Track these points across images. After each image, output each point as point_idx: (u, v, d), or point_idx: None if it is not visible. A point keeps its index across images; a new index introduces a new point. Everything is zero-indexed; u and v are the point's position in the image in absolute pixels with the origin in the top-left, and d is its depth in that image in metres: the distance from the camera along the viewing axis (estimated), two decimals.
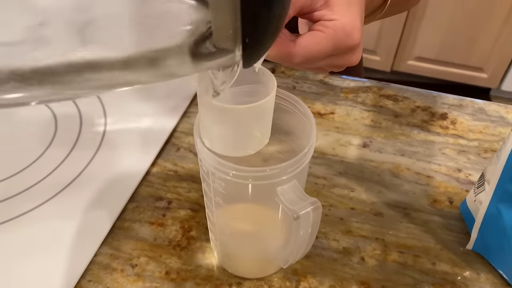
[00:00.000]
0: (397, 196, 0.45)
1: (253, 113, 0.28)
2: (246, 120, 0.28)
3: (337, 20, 0.30)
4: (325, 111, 0.53)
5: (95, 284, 0.37)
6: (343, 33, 0.30)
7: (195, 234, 0.41)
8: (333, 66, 0.34)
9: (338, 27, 0.30)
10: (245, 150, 0.30)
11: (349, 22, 0.30)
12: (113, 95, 0.53)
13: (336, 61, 0.33)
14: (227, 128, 0.29)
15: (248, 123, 0.28)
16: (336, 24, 0.30)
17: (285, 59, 0.30)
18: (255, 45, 0.23)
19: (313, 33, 0.30)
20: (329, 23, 0.30)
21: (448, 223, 0.42)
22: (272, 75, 0.29)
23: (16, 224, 0.40)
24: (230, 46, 0.22)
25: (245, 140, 0.29)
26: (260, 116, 0.29)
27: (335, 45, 0.30)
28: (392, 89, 0.56)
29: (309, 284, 0.38)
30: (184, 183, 0.45)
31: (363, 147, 0.49)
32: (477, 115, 0.53)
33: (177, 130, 0.50)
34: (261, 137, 0.30)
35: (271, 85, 0.29)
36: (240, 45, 0.22)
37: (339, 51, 0.31)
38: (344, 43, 0.31)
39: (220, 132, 0.29)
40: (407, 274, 0.39)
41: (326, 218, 0.42)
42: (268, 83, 0.29)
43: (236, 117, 0.28)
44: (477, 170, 0.47)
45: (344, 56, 0.32)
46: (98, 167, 0.45)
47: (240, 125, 0.28)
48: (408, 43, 1.71)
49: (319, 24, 0.31)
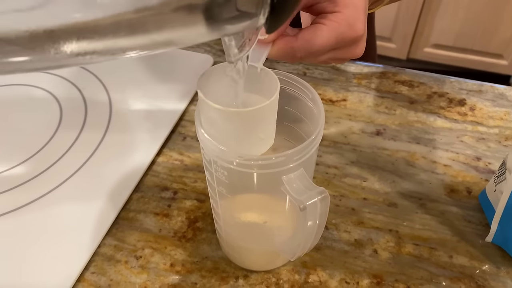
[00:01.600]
0: (412, 185, 0.43)
1: (256, 115, 0.27)
2: (249, 123, 0.27)
3: (340, 12, 0.30)
4: (337, 98, 0.51)
5: (98, 276, 0.36)
6: (346, 25, 0.30)
7: (201, 225, 0.40)
8: (336, 59, 0.33)
9: (341, 19, 0.30)
10: (249, 153, 0.29)
11: (352, 14, 0.30)
12: (119, 82, 0.52)
13: (339, 54, 0.32)
14: (230, 131, 0.28)
15: (252, 126, 0.28)
16: (339, 16, 0.30)
17: (288, 55, 0.30)
18: (283, 7, 0.22)
19: (315, 26, 0.30)
20: (332, 16, 0.30)
21: (466, 214, 0.40)
22: (275, 76, 0.28)
23: (20, 214, 0.40)
24: (254, 9, 0.21)
25: (249, 143, 0.29)
26: (263, 118, 0.28)
27: (338, 38, 0.30)
28: (407, 75, 0.54)
29: (319, 277, 0.36)
30: (190, 173, 0.44)
31: (377, 135, 0.47)
32: (498, 101, 0.51)
33: (184, 119, 0.49)
34: (265, 139, 0.29)
35: (274, 86, 0.28)
36: (266, 8, 0.21)
37: (342, 44, 0.31)
38: (347, 35, 0.30)
39: (222, 136, 0.28)
40: (422, 267, 0.37)
41: (337, 208, 0.41)
42: (271, 83, 0.28)
43: (239, 121, 0.27)
44: (497, 158, 0.45)
45: (348, 49, 0.32)
46: (102, 157, 0.44)
47: (243, 128, 0.28)
48: (425, 30, 1.67)
49: (321, 17, 0.30)
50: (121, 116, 0.48)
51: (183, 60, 0.55)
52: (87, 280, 0.36)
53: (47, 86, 0.52)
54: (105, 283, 0.36)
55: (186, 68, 0.54)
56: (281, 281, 0.36)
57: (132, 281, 0.36)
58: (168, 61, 0.55)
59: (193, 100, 0.51)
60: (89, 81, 0.52)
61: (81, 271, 0.36)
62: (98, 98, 0.50)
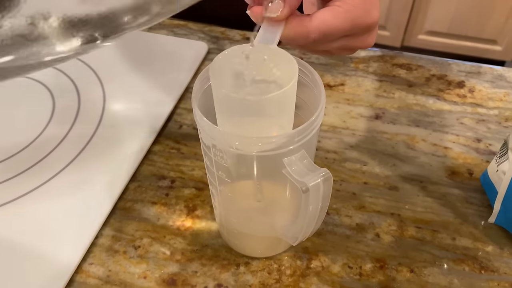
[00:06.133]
0: (413, 168, 0.42)
1: (274, 103, 0.25)
2: (267, 111, 0.26)
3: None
4: (335, 83, 0.50)
5: (97, 267, 0.36)
6: (363, 10, 0.29)
7: (200, 213, 0.39)
8: (347, 48, 0.32)
9: (357, 3, 0.29)
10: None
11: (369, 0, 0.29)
12: (112, 71, 0.51)
13: (352, 42, 0.31)
14: (247, 120, 0.26)
15: (270, 113, 0.26)
16: (355, 0, 0.29)
17: (301, 35, 0.29)
18: None
19: (331, 8, 0.29)
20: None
21: (468, 195, 0.40)
22: (293, 59, 0.27)
23: (16, 206, 0.39)
24: None
25: (268, 132, 0.27)
26: (282, 105, 0.26)
27: (353, 22, 0.29)
28: (405, 58, 0.53)
29: (321, 263, 0.36)
30: (187, 161, 0.43)
31: (376, 118, 0.46)
32: (497, 82, 0.50)
33: (179, 107, 0.48)
34: (285, 128, 0.28)
35: (292, 70, 0.26)
36: None
37: (357, 30, 0.30)
38: (363, 21, 0.29)
39: (239, 126, 0.26)
40: (425, 250, 0.36)
41: (338, 193, 0.40)
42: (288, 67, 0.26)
43: (256, 109, 0.26)
44: (498, 139, 0.44)
45: (361, 37, 0.31)
46: (97, 146, 0.43)
47: (261, 117, 0.26)
48: (419, 17, 1.66)
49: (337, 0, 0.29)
50: (116, 105, 0.47)
51: (177, 47, 0.54)
52: (85, 272, 0.35)
53: (40, 77, 0.50)
54: (104, 274, 0.35)
55: (180, 55, 0.53)
56: (283, 267, 0.35)
57: (131, 271, 0.35)
58: (162, 48, 0.54)
59: (189, 88, 0.50)
60: (82, 71, 0.51)
61: (79, 262, 0.35)
62: (91, 87, 0.49)
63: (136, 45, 0.54)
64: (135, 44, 0.55)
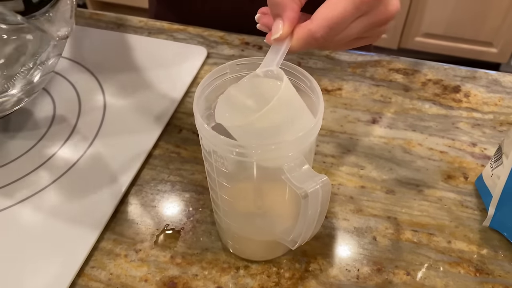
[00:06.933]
0: (409, 172, 0.43)
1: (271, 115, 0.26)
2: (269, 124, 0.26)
3: None
4: (332, 87, 0.51)
5: (98, 270, 0.36)
6: None
7: (200, 217, 0.40)
8: (370, 27, 0.30)
9: None
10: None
11: None
12: (113, 76, 0.51)
13: (371, 19, 0.29)
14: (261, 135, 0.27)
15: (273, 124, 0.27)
16: None
17: (309, 41, 0.28)
18: None
19: (326, 1, 0.28)
20: None
21: (463, 199, 0.41)
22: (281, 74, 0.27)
23: (17, 210, 0.39)
24: None
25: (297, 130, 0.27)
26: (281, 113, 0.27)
27: (356, 1, 0.28)
28: (401, 63, 0.54)
29: (319, 266, 0.36)
30: (187, 165, 0.44)
31: (372, 123, 0.47)
32: (492, 87, 0.51)
33: (179, 111, 0.49)
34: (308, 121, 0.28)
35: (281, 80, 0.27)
36: None
37: (366, 6, 0.28)
38: None
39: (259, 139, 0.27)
40: (421, 253, 0.37)
41: (336, 197, 0.41)
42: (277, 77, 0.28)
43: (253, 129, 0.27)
44: (493, 144, 0.45)
45: (376, 10, 0.29)
46: (97, 151, 0.44)
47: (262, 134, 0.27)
48: (416, 19, 1.67)
49: None
50: (116, 109, 0.48)
51: (176, 52, 0.54)
52: (87, 275, 0.36)
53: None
54: (105, 277, 0.36)
55: (179, 60, 0.53)
56: (281, 271, 0.36)
57: (133, 274, 0.36)
58: (161, 53, 0.54)
59: (188, 92, 0.50)
60: (83, 76, 0.52)
61: (80, 266, 0.36)
62: (91, 91, 0.50)
63: (136, 50, 0.55)
64: (134, 49, 0.55)
